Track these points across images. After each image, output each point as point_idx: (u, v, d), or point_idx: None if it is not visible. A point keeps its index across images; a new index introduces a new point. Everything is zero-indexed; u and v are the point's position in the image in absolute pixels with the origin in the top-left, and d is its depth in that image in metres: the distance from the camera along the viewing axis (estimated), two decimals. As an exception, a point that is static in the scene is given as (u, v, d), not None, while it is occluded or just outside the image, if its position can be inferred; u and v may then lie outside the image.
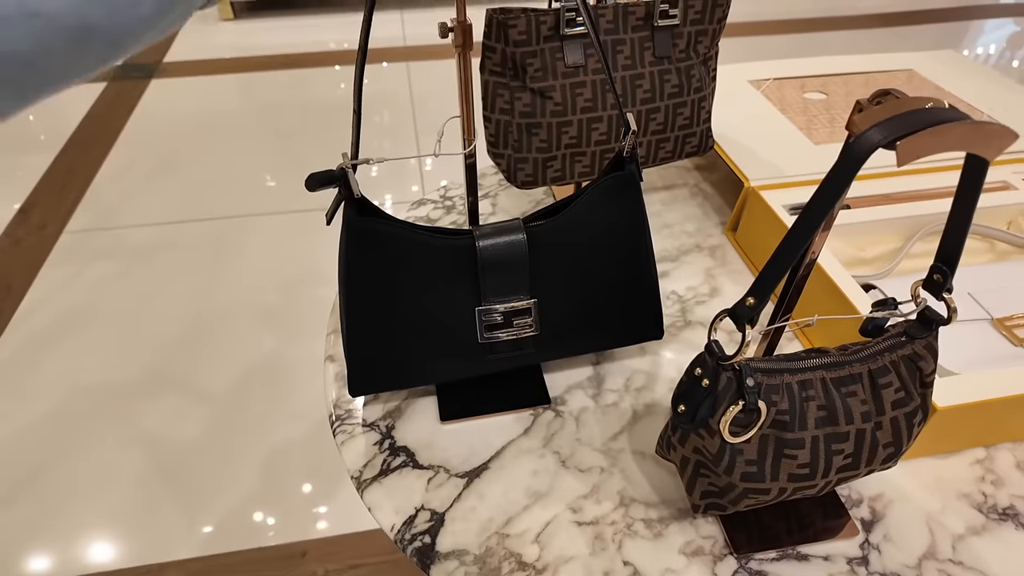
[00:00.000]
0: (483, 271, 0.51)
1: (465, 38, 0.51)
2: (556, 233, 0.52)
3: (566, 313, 0.55)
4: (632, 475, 0.52)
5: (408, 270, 0.51)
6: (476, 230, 0.51)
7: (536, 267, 0.53)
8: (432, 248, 0.50)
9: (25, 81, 0.26)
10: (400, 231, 0.50)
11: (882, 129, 0.32)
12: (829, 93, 0.89)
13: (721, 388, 0.41)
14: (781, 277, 0.37)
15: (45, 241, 1.68)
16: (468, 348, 0.54)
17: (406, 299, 0.51)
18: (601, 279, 0.55)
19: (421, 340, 0.53)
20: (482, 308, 0.53)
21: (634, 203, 0.54)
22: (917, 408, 0.44)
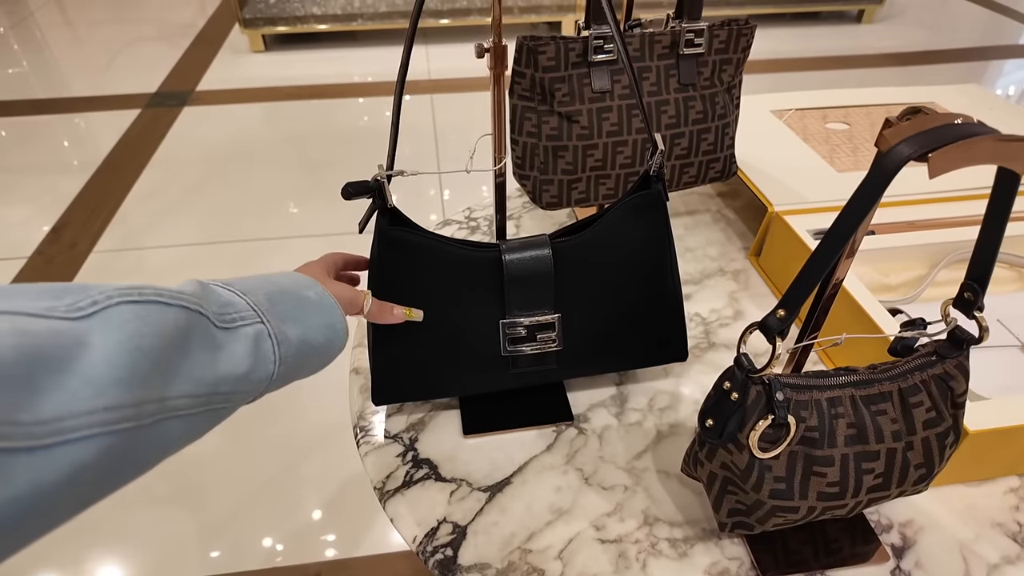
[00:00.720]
0: (508, 284, 0.52)
1: (499, 60, 0.53)
2: (582, 249, 0.53)
3: (590, 330, 0.55)
4: (656, 494, 0.52)
5: (435, 280, 0.51)
6: (503, 244, 0.52)
7: (561, 283, 0.53)
8: (459, 260, 0.51)
9: None
10: (429, 242, 0.51)
11: (912, 143, 0.32)
12: (851, 124, 0.89)
13: (750, 402, 0.41)
14: (812, 289, 0.37)
15: (75, 259, 1.72)
16: (491, 361, 0.54)
17: (432, 309, 0.52)
18: (625, 297, 0.55)
19: (445, 351, 0.53)
20: (506, 321, 0.53)
21: (660, 222, 0.55)
22: (949, 429, 0.44)
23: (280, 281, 0.40)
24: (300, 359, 0.39)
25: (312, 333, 0.39)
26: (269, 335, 0.36)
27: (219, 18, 3.27)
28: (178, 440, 0.31)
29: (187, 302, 0.31)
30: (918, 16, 3.40)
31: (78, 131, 2.37)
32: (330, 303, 0.41)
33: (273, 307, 0.37)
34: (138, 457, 0.28)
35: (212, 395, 0.32)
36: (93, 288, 0.27)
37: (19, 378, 0.22)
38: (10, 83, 2.68)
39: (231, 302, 0.35)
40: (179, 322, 0.30)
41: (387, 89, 2.62)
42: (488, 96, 0.54)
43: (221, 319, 0.34)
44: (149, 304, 0.28)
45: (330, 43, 2.98)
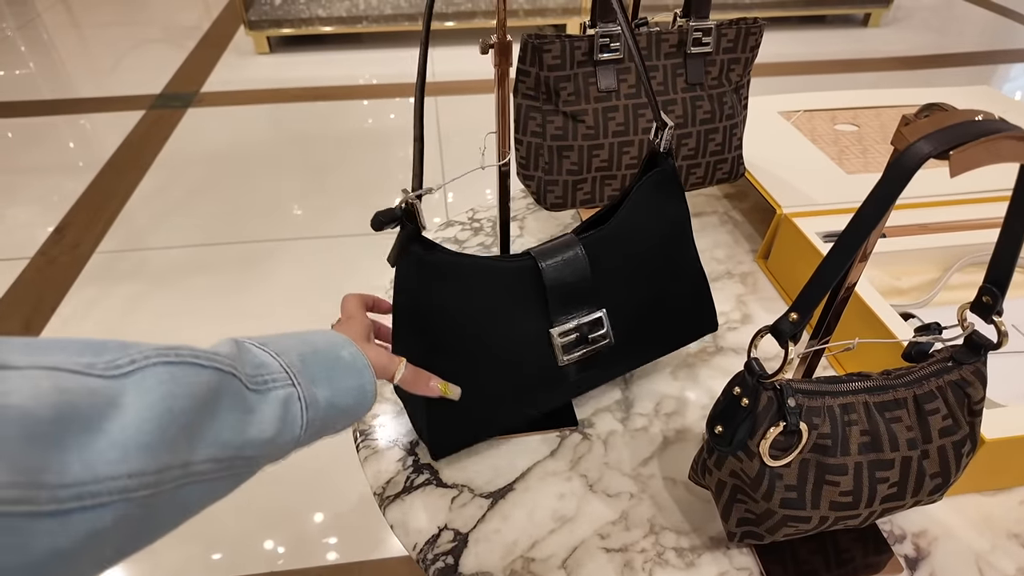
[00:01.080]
0: (550, 291, 0.49)
1: (504, 56, 0.51)
2: (610, 239, 0.52)
3: (633, 317, 0.54)
4: (663, 502, 0.51)
5: (480, 302, 0.48)
6: (532, 252, 0.50)
7: (598, 277, 0.51)
8: (498, 274, 0.48)
9: None
10: (468, 261, 0.47)
11: (932, 140, 0.31)
12: (861, 125, 0.88)
13: (761, 408, 0.39)
14: (826, 291, 0.36)
15: (78, 260, 1.71)
16: (550, 375, 0.52)
17: (481, 334, 0.48)
18: (658, 277, 0.55)
19: (504, 379, 0.50)
20: (556, 328, 0.50)
21: (676, 196, 0.54)
22: (966, 437, 0.43)
23: (315, 340, 0.40)
24: (327, 421, 0.38)
25: (341, 396, 0.39)
26: (299, 398, 0.36)
27: (224, 20, 3.28)
28: (197, 504, 0.30)
29: (221, 363, 0.31)
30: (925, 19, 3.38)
31: (83, 132, 2.37)
32: (363, 364, 0.41)
33: (305, 368, 0.37)
34: (156, 523, 0.28)
35: (236, 459, 0.32)
36: (133, 347, 0.27)
37: (52, 436, 0.22)
38: (17, 84, 2.68)
39: (265, 363, 0.35)
40: (211, 384, 0.30)
41: (391, 91, 2.61)
42: (492, 98, 0.53)
43: (253, 381, 0.33)
44: (184, 365, 0.29)
45: (335, 45, 2.98)
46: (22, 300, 1.59)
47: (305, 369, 0.37)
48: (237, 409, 0.31)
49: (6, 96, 2.57)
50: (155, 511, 0.27)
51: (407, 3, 2.89)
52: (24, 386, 0.22)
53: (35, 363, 0.23)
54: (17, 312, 1.55)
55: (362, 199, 1.98)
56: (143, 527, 0.27)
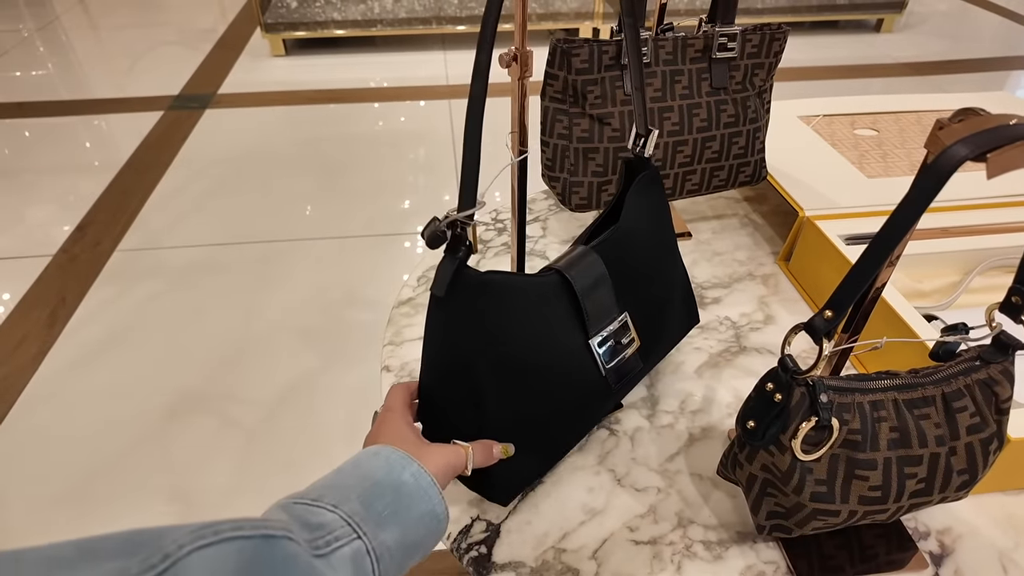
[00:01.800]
0: (584, 302, 0.49)
1: (525, 67, 0.51)
2: (617, 244, 0.53)
3: (646, 316, 0.55)
4: (690, 497, 0.52)
5: (527, 322, 0.46)
6: (555, 267, 0.49)
7: (614, 282, 0.52)
8: (538, 290, 0.46)
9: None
10: (515, 280, 0.46)
11: (969, 143, 0.32)
12: (880, 130, 0.89)
13: (794, 404, 0.40)
14: (858, 293, 0.37)
15: (99, 258, 1.74)
16: (598, 388, 0.51)
17: (538, 354, 0.46)
18: (657, 275, 0.56)
19: (558, 398, 0.49)
20: (596, 339, 0.50)
21: (659, 196, 0.56)
22: (993, 435, 0.43)
23: (373, 470, 0.37)
24: (400, 564, 0.35)
25: (411, 530, 0.36)
26: (368, 551, 0.33)
27: (240, 23, 3.31)
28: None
29: (271, 528, 0.28)
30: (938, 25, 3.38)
31: (101, 132, 2.40)
32: (427, 484, 0.38)
33: (369, 512, 0.34)
34: None
35: None
36: (167, 536, 0.25)
37: None
38: (36, 85, 2.72)
39: (323, 523, 0.32)
40: (261, 557, 0.27)
41: (405, 94, 2.63)
42: (506, 101, 0.52)
43: (315, 544, 0.31)
44: (225, 543, 0.26)
45: (349, 48, 3.01)
46: (46, 296, 1.61)
47: (369, 514, 0.34)
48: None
49: (25, 96, 2.61)
50: None
51: (421, 7, 2.92)
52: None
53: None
54: (41, 306, 1.58)
55: (375, 200, 2.00)
56: None
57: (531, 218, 0.84)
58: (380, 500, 0.35)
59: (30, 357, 1.45)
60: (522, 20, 0.46)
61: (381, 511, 0.35)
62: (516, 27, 0.46)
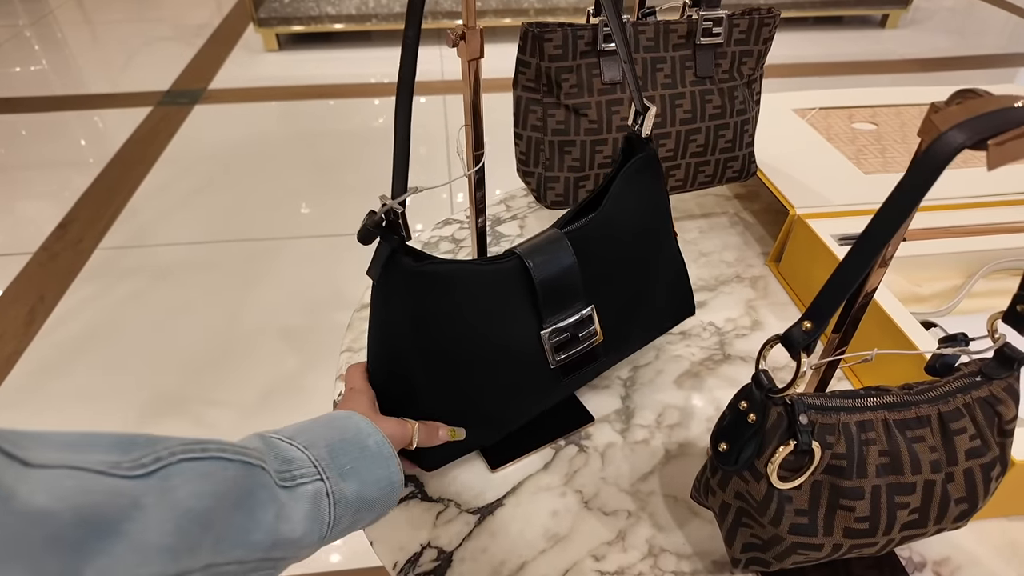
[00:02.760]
0: (541, 290, 0.46)
1: (477, 46, 0.46)
2: (594, 231, 0.48)
3: (619, 309, 0.51)
4: (663, 521, 0.47)
5: (471, 310, 0.45)
6: (516, 250, 0.46)
7: (585, 271, 0.48)
8: (487, 278, 0.45)
9: None
10: (457, 269, 0.44)
11: (967, 128, 0.28)
12: (879, 124, 0.84)
13: (770, 425, 0.36)
14: (841, 301, 0.33)
15: (80, 256, 1.70)
16: (541, 379, 0.49)
17: (472, 345, 0.45)
18: (642, 266, 0.52)
19: (494, 386, 0.47)
20: (546, 331, 0.47)
21: (656, 182, 0.52)
22: (995, 460, 0.39)
23: (344, 429, 0.39)
24: (353, 517, 0.37)
25: (369, 489, 0.38)
26: (327, 494, 0.35)
27: (234, 17, 3.27)
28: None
29: (249, 456, 0.30)
30: (944, 21, 3.32)
31: (94, 127, 2.37)
32: (389, 454, 0.40)
33: (333, 462, 0.37)
34: None
35: (263, 560, 0.31)
36: (161, 443, 0.27)
37: (72, 540, 0.22)
38: (30, 80, 2.69)
39: (292, 458, 0.35)
40: (239, 479, 0.29)
41: (400, 89, 2.59)
42: (502, 97, 0.48)
43: (282, 476, 0.33)
44: (211, 461, 0.28)
45: (344, 43, 2.97)
46: (24, 295, 1.58)
47: (333, 462, 0.36)
48: (267, 506, 0.31)
49: (19, 92, 2.58)
50: None
51: (417, 1, 2.87)
52: (49, 486, 0.22)
53: (62, 461, 0.23)
54: (19, 307, 1.54)
55: (369, 197, 1.96)
56: None
57: (509, 216, 0.80)
58: (345, 455, 0.37)
59: (5, 356, 1.41)
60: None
61: (344, 464, 0.37)
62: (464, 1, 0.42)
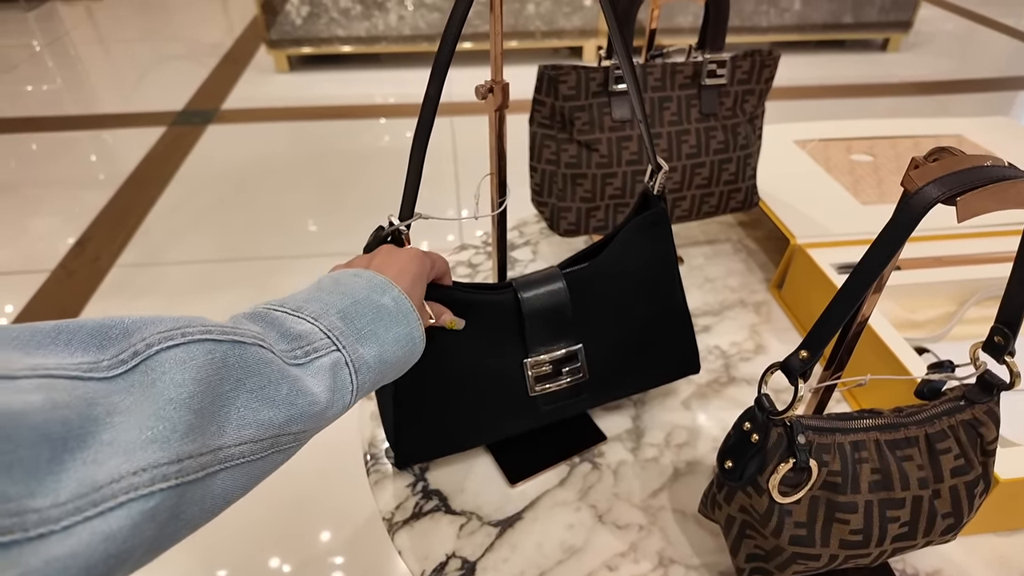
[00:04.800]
0: (528, 322, 0.50)
1: (503, 99, 0.50)
2: (594, 276, 0.52)
3: (611, 354, 0.54)
4: (673, 535, 0.51)
5: (461, 335, 0.49)
6: (514, 282, 0.50)
7: (578, 312, 0.52)
8: (479, 305, 0.49)
9: None
10: (450, 292, 0.48)
11: (940, 185, 0.32)
12: (876, 155, 0.88)
13: (771, 444, 0.39)
14: (833, 334, 0.36)
15: (97, 273, 1.74)
16: (519, 404, 0.52)
17: (455, 361, 0.49)
18: (640, 316, 0.55)
19: (471, 402, 0.51)
20: (529, 360, 0.51)
21: (664, 239, 0.55)
22: (978, 478, 0.42)
23: (354, 289, 0.36)
24: (376, 380, 0.36)
25: (389, 349, 0.36)
26: (346, 363, 0.33)
27: (246, 39, 3.35)
28: (241, 488, 0.28)
29: (242, 336, 0.28)
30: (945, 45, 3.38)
31: (106, 147, 2.43)
32: (407, 309, 0.37)
33: (348, 327, 0.34)
34: (186, 514, 0.25)
35: (280, 436, 0.29)
36: (137, 333, 0.25)
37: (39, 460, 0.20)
38: (44, 99, 2.75)
39: (302, 333, 0.32)
40: (231, 360, 0.27)
41: (409, 111, 2.65)
42: (512, 119, 0.52)
43: (292, 355, 0.31)
44: (194, 344, 0.26)
45: (354, 65, 3.03)
46: (43, 312, 1.62)
47: (348, 328, 0.34)
48: (277, 384, 0.29)
49: (33, 111, 2.64)
50: (182, 503, 0.25)
51: (425, 24, 2.94)
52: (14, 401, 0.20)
53: (31, 368, 0.22)
54: (38, 323, 1.58)
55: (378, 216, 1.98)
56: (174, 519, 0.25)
57: (522, 241, 0.84)
58: (360, 318, 0.35)
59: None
60: (498, 51, 0.46)
61: (361, 328, 0.35)
62: (492, 58, 0.46)
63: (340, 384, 0.33)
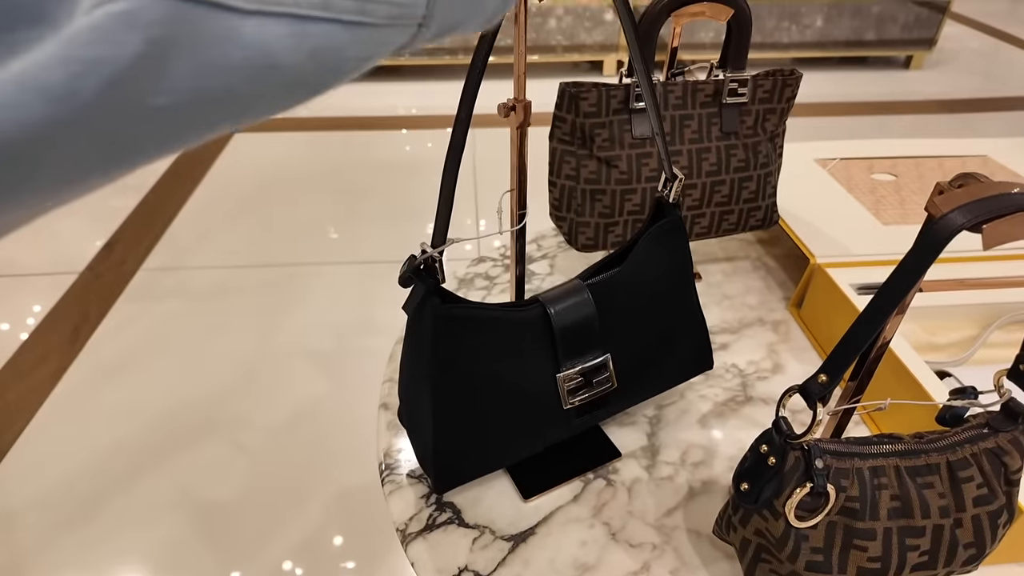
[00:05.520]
0: (559, 336, 0.50)
1: (525, 117, 0.51)
2: (616, 286, 0.53)
3: (635, 360, 0.55)
4: (686, 555, 0.50)
5: (492, 350, 0.49)
6: (540, 298, 0.51)
7: (603, 322, 0.52)
8: (510, 323, 0.49)
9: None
10: (482, 312, 0.48)
11: (966, 212, 0.31)
12: (899, 175, 0.87)
13: (788, 468, 0.39)
14: (853, 358, 0.36)
15: (123, 276, 1.78)
16: (553, 417, 0.53)
17: (490, 382, 0.50)
18: (660, 322, 0.56)
19: (507, 421, 0.52)
20: (563, 373, 0.52)
21: (681, 246, 0.56)
22: (1002, 508, 0.41)
23: None
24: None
25: None
26: None
27: (274, 49, 3.41)
28: (288, 54, 0.20)
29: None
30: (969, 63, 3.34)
31: (135, 153, 2.48)
32: None
33: None
34: (208, 54, 0.18)
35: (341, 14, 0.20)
36: None
37: None
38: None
39: None
40: None
41: (430, 122, 2.68)
42: (532, 132, 0.53)
43: None
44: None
45: (377, 77, 3.08)
46: (70, 313, 1.65)
47: None
48: None
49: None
50: (200, 29, 0.17)
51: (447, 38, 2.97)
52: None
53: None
54: (65, 324, 1.62)
55: (396, 226, 2.02)
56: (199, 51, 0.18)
57: (540, 255, 0.84)
58: None
59: (50, 372, 1.48)
60: (522, 70, 0.47)
61: None
62: (516, 77, 0.47)
63: None
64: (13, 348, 1.54)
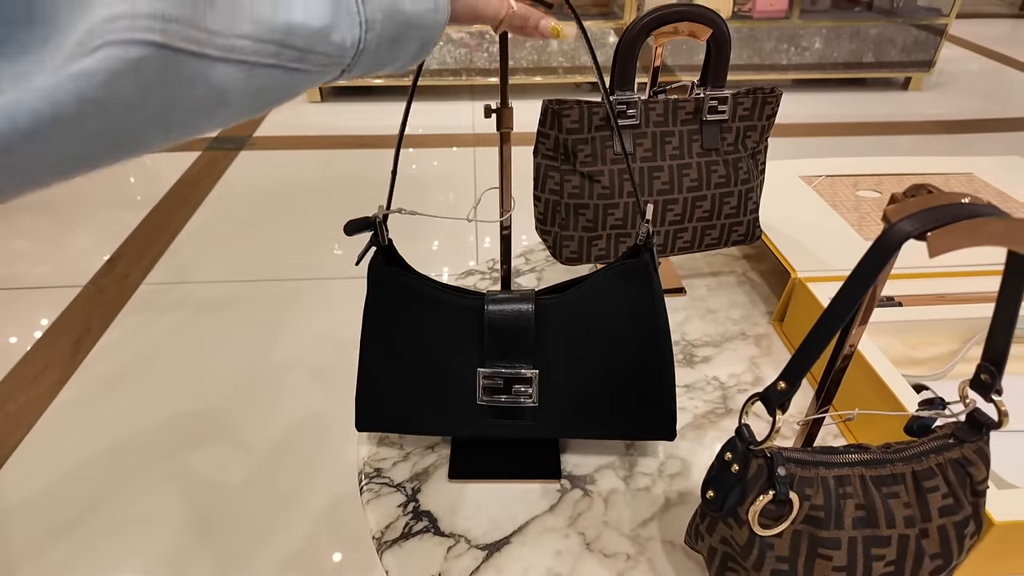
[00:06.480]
0: (488, 334, 0.53)
1: (506, 121, 0.54)
2: (565, 308, 0.53)
3: (570, 391, 0.54)
4: (660, 566, 0.50)
5: (422, 321, 0.53)
6: (488, 294, 0.53)
7: (542, 339, 0.53)
8: (444, 304, 0.53)
9: None
10: (416, 283, 0.53)
11: (914, 220, 0.32)
12: (883, 192, 0.88)
13: (751, 475, 0.39)
14: (811, 365, 0.37)
15: (126, 290, 1.80)
16: (466, 407, 0.55)
17: (415, 348, 0.54)
18: (609, 364, 0.53)
19: (425, 390, 0.55)
20: (484, 370, 0.53)
21: (645, 293, 0.52)
22: (968, 518, 0.42)
23: None
24: (392, 29, 0.30)
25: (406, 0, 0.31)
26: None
27: (281, 70, 3.47)
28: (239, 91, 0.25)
29: None
30: (968, 84, 3.36)
31: (145, 169, 2.52)
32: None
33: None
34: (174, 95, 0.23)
35: (283, 47, 0.26)
36: None
37: None
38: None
39: None
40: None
41: (435, 141, 2.71)
42: (525, 150, 0.56)
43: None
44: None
45: (383, 96, 3.13)
46: (71, 326, 1.67)
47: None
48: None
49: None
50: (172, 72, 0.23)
51: (452, 59, 3.02)
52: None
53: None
54: (67, 336, 1.63)
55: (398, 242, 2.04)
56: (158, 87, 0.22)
57: (527, 268, 0.85)
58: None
59: (50, 384, 1.49)
60: (503, 76, 0.49)
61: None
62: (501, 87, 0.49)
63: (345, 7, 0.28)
64: (15, 360, 1.56)
